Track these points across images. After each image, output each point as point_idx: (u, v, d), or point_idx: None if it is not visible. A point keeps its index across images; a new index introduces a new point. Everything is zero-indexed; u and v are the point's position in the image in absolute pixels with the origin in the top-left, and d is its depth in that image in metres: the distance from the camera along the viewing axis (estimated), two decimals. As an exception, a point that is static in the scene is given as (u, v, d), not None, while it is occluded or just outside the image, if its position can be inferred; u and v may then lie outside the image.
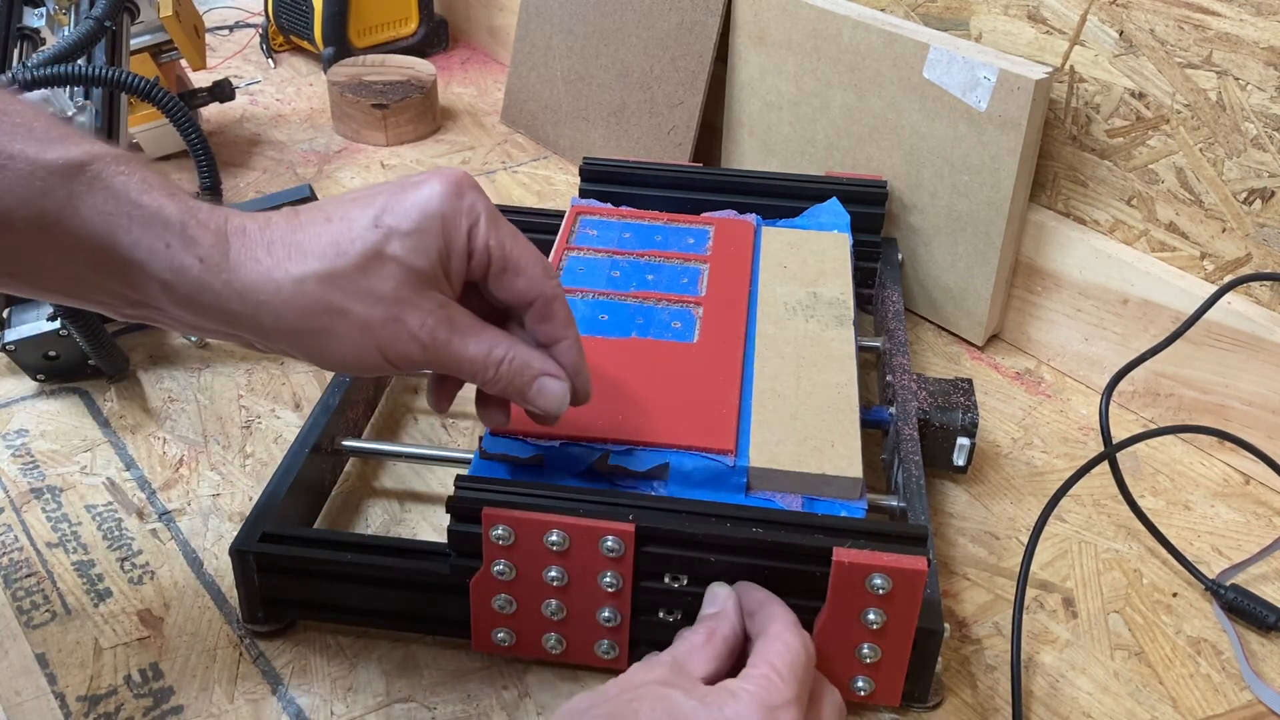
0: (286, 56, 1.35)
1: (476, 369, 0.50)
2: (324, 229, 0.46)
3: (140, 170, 0.45)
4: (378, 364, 0.48)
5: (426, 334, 0.48)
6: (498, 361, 0.50)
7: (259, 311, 0.45)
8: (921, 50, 0.80)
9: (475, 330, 0.50)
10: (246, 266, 0.45)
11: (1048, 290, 0.83)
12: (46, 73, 0.79)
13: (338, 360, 0.48)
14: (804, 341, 0.70)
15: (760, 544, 0.53)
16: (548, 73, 1.12)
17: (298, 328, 0.46)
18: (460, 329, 0.49)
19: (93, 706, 0.57)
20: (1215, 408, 0.75)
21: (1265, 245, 0.72)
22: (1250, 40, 0.68)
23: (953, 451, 0.70)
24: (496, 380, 0.51)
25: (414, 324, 0.47)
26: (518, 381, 0.51)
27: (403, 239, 0.47)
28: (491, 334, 0.51)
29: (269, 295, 0.45)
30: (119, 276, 0.45)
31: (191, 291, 0.45)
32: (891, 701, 0.56)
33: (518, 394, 0.52)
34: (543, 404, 0.53)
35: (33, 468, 0.72)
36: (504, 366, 0.51)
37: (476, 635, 0.58)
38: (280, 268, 0.45)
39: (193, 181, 1.05)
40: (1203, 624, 0.64)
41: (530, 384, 0.52)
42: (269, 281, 0.45)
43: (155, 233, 0.44)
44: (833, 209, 0.83)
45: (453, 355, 0.49)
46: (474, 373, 0.50)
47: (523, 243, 0.51)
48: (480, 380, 0.51)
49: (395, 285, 0.47)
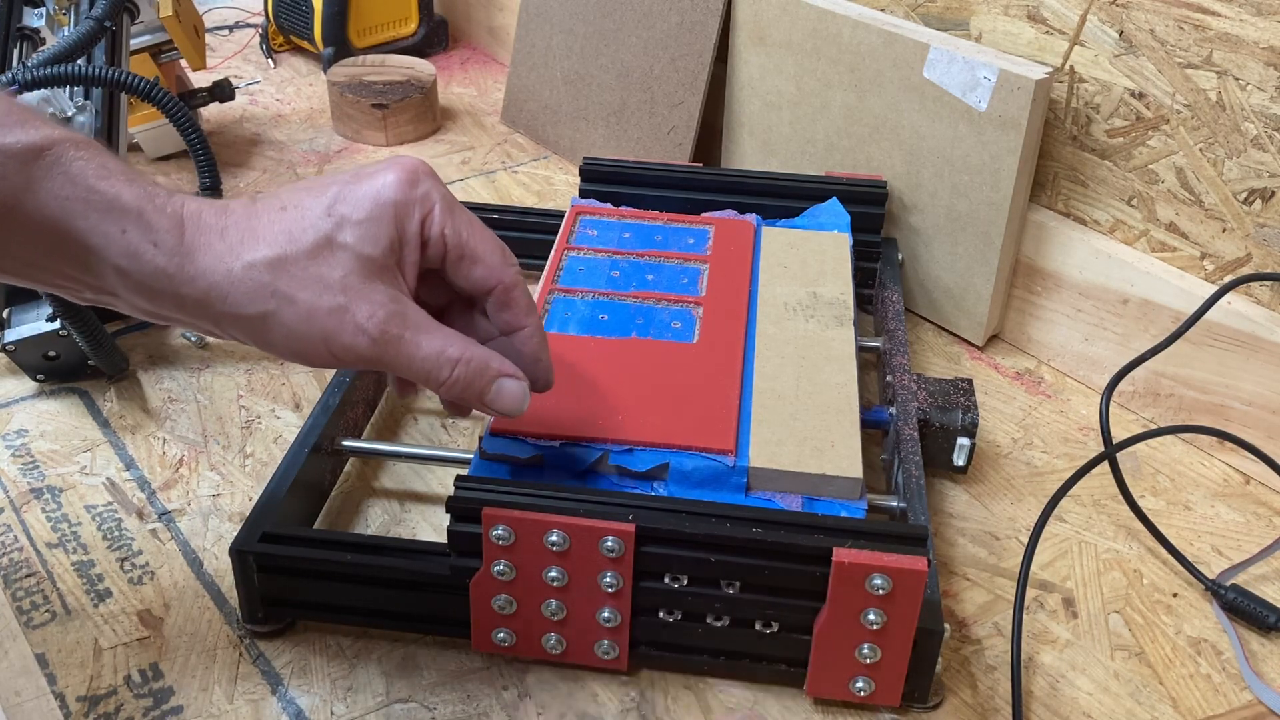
0: (286, 56, 1.35)
1: (429, 368, 0.49)
2: (278, 216, 0.46)
3: (99, 156, 0.45)
4: (323, 355, 0.47)
5: (375, 327, 0.47)
6: (451, 362, 0.49)
7: (209, 295, 0.45)
8: (921, 50, 0.80)
9: (428, 328, 0.49)
10: (200, 252, 0.45)
11: (1048, 290, 0.83)
12: (46, 73, 0.79)
13: (282, 347, 0.47)
14: (804, 341, 0.70)
15: (760, 544, 0.53)
16: (548, 73, 1.12)
17: (244, 312, 0.46)
18: (413, 325, 0.48)
19: (93, 706, 0.57)
20: (1215, 408, 0.75)
21: (1265, 245, 0.72)
22: (1250, 40, 0.68)
23: (953, 451, 0.70)
24: (452, 382, 0.49)
25: (362, 315, 0.46)
26: (476, 384, 0.50)
27: (354, 227, 0.46)
28: (446, 333, 0.49)
29: (219, 279, 0.45)
30: (75, 261, 0.45)
31: (145, 277, 0.45)
32: (891, 701, 0.56)
33: (475, 396, 0.51)
34: (501, 406, 0.51)
35: (33, 468, 0.72)
36: (459, 368, 0.49)
37: (476, 635, 0.58)
38: (232, 253, 0.45)
39: (193, 182, 1.05)
40: (1203, 624, 0.64)
41: (488, 386, 0.51)
42: (220, 265, 0.45)
43: (112, 219, 0.44)
44: (833, 209, 0.83)
45: (403, 353, 0.48)
46: (426, 373, 0.49)
47: (480, 231, 0.50)
48: (433, 382, 0.49)
49: (345, 273, 0.46)
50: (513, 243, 0.89)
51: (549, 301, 0.73)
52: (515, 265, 0.52)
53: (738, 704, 0.58)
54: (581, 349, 0.68)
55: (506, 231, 0.89)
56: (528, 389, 0.52)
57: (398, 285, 0.48)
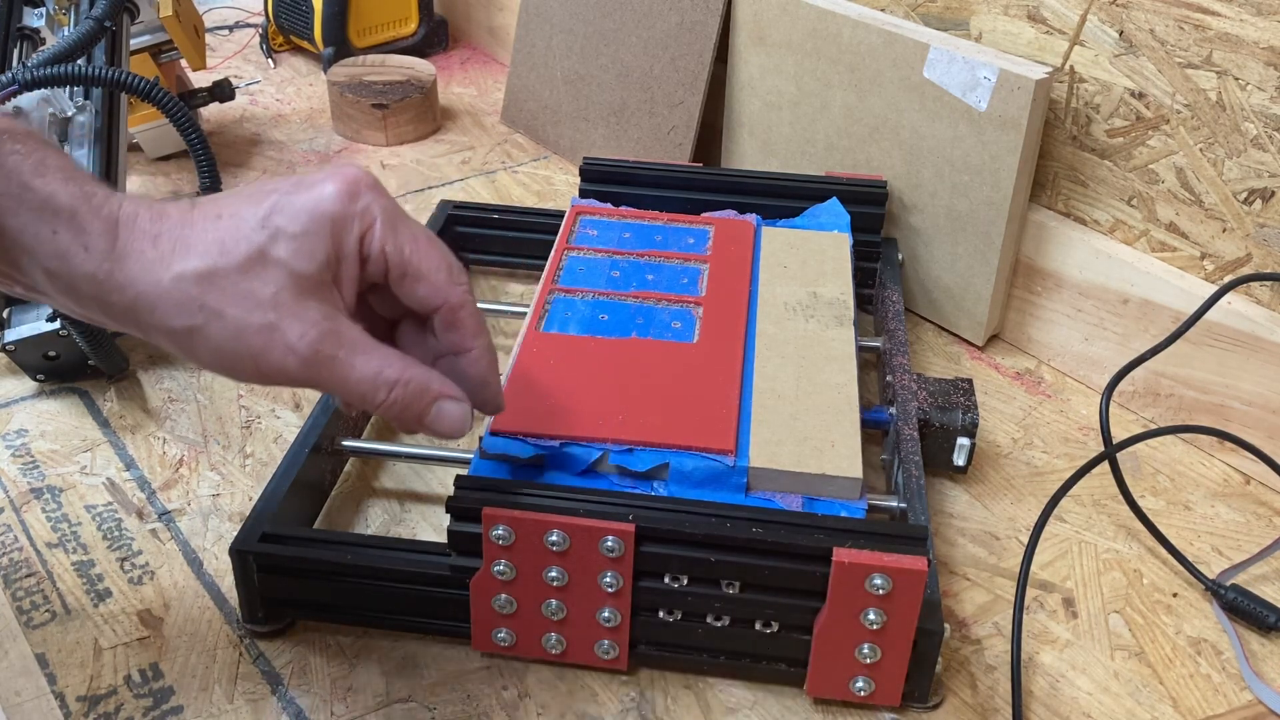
0: (286, 56, 1.35)
1: (364, 390, 0.46)
2: (213, 225, 0.44)
3: (39, 151, 0.43)
4: (252, 373, 0.45)
5: (306, 346, 0.44)
6: (389, 384, 0.46)
7: (136, 305, 0.43)
8: (921, 50, 0.80)
9: (365, 348, 0.46)
10: (130, 258, 0.43)
11: (1048, 290, 0.83)
12: (46, 73, 0.79)
13: (210, 362, 0.45)
14: (804, 341, 0.70)
15: (760, 544, 0.53)
16: (548, 73, 1.12)
17: (171, 325, 0.44)
18: (347, 344, 0.45)
19: (93, 706, 0.57)
20: (1215, 408, 0.75)
21: (1265, 245, 0.72)
22: (1250, 40, 0.68)
23: (953, 451, 0.70)
24: (389, 404, 0.47)
25: (292, 335, 0.44)
26: (415, 406, 0.48)
27: (289, 241, 0.44)
28: (383, 353, 0.47)
29: (147, 288, 0.43)
30: (4, 258, 0.43)
31: (74, 281, 0.43)
32: (891, 701, 0.56)
33: (414, 419, 0.48)
34: (441, 429, 0.49)
35: (33, 468, 0.72)
36: (396, 390, 0.47)
37: (476, 635, 0.58)
38: (163, 262, 0.43)
39: (193, 182, 1.06)
40: (1203, 624, 0.64)
41: (427, 409, 0.48)
42: (149, 275, 0.43)
43: (44, 219, 0.42)
44: (833, 209, 0.83)
45: (336, 374, 0.45)
46: (361, 395, 0.46)
47: (426, 246, 0.48)
48: (369, 404, 0.47)
49: (276, 289, 0.44)
50: (513, 243, 0.90)
51: (549, 301, 0.73)
52: (463, 284, 0.49)
53: (738, 704, 0.58)
54: (581, 349, 0.68)
55: (506, 231, 0.89)
56: (469, 412, 0.49)
57: (333, 302, 0.46)
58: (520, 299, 0.90)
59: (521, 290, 0.91)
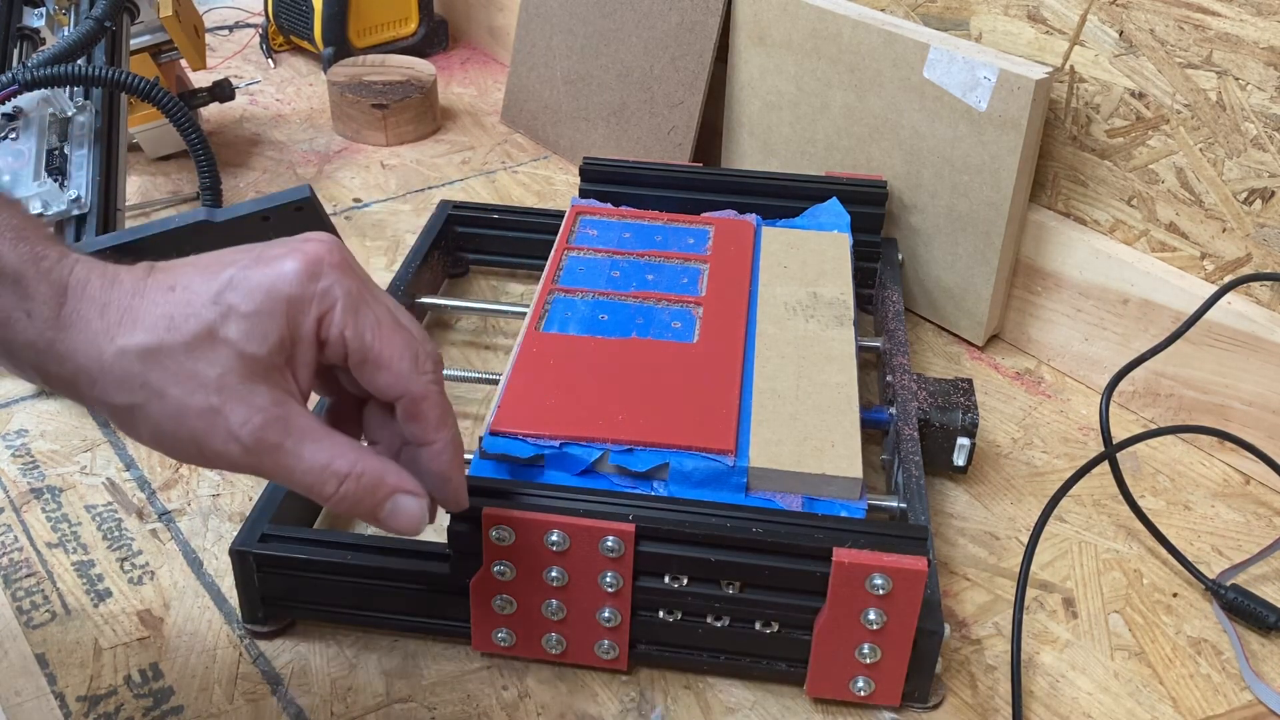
0: (286, 56, 1.35)
1: (311, 482, 0.43)
2: (164, 297, 0.42)
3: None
4: (194, 455, 0.42)
5: (249, 433, 0.42)
6: (339, 476, 0.44)
7: (76, 377, 0.41)
8: (921, 50, 0.80)
9: (315, 436, 0.43)
10: (75, 327, 0.41)
11: (1048, 290, 0.83)
12: (46, 73, 0.79)
13: (150, 441, 0.43)
14: (804, 341, 0.70)
15: (760, 543, 0.53)
16: (548, 73, 1.12)
17: (111, 400, 0.42)
18: (296, 432, 0.43)
19: (93, 706, 0.57)
20: (1215, 408, 0.75)
21: (1265, 245, 0.72)
22: (1250, 40, 0.68)
23: (953, 451, 0.70)
24: (339, 498, 0.44)
25: (235, 421, 0.41)
26: (367, 501, 0.45)
27: (241, 320, 0.42)
28: (336, 442, 0.44)
29: (88, 361, 0.41)
30: None
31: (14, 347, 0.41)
32: (891, 701, 0.56)
33: (368, 514, 0.45)
34: (396, 525, 0.46)
35: (33, 468, 0.72)
36: (347, 484, 0.44)
37: (476, 635, 0.58)
38: (107, 334, 0.41)
39: (193, 182, 1.06)
40: (1203, 624, 0.64)
41: (381, 504, 0.45)
42: (91, 346, 0.41)
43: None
44: (833, 209, 0.83)
45: (283, 463, 0.43)
46: (308, 486, 0.44)
47: (389, 332, 0.45)
48: (317, 497, 0.44)
49: (222, 372, 0.41)
50: (513, 243, 0.90)
51: (549, 301, 0.73)
52: (429, 373, 0.46)
53: (738, 704, 0.58)
54: (581, 349, 0.68)
55: (506, 231, 0.89)
56: (427, 506, 0.46)
57: (285, 387, 0.43)
58: (520, 299, 0.90)
59: (521, 290, 0.91)
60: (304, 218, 0.76)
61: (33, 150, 0.84)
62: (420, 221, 0.99)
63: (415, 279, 0.81)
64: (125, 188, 0.90)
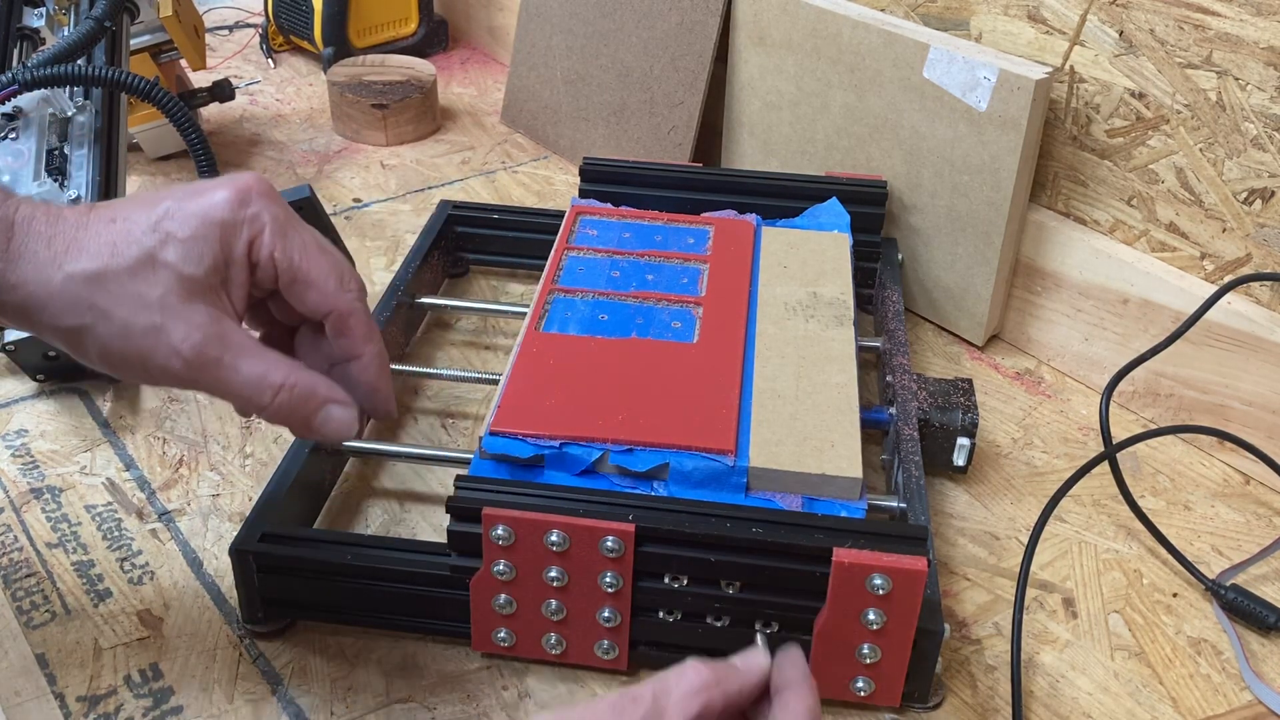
0: (286, 56, 1.35)
1: (249, 393, 0.47)
2: (106, 229, 0.45)
3: None
4: (140, 373, 0.46)
5: (190, 349, 0.45)
6: (274, 387, 0.47)
7: (27, 304, 0.44)
8: (921, 50, 0.80)
9: (250, 351, 0.47)
10: (24, 259, 0.44)
11: (1048, 290, 0.83)
12: (46, 73, 0.79)
13: (98, 361, 0.46)
14: (804, 341, 0.70)
15: (760, 544, 0.53)
16: (548, 73, 1.12)
17: (60, 324, 0.45)
18: (233, 347, 0.46)
19: (93, 706, 0.57)
20: (1215, 408, 0.75)
21: (1265, 245, 0.72)
22: (1250, 40, 0.68)
23: (953, 451, 0.70)
24: (275, 408, 0.47)
25: (177, 336, 0.45)
26: (300, 410, 0.48)
27: (178, 245, 0.45)
28: (270, 357, 0.47)
29: (37, 288, 0.44)
30: None
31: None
32: (891, 701, 0.56)
33: (301, 423, 0.49)
34: (329, 432, 0.49)
35: (33, 468, 0.72)
36: (282, 395, 0.47)
37: (476, 635, 0.58)
38: (55, 262, 0.44)
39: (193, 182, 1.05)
40: (1203, 624, 0.64)
41: (315, 413, 0.48)
42: (40, 274, 0.44)
43: None
44: (833, 209, 0.83)
45: (221, 377, 0.46)
46: (247, 398, 0.47)
47: (315, 253, 0.48)
48: (255, 408, 0.47)
49: (163, 292, 0.45)
50: (513, 243, 0.90)
51: (549, 301, 0.73)
52: (354, 290, 0.49)
53: (738, 704, 0.58)
54: (581, 349, 0.68)
55: (506, 231, 0.89)
56: (356, 416, 0.50)
57: (221, 306, 0.46)
58: (520, 299, 0.90)
59: (521, 290, 0.91)
60: (304, 217, 0.75)
61: (33, 150, 0.84)
62: (420, 221, 0.98)
63: (415, 279, 0.81)
64: (125, 188, 0.90)
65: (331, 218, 0.83)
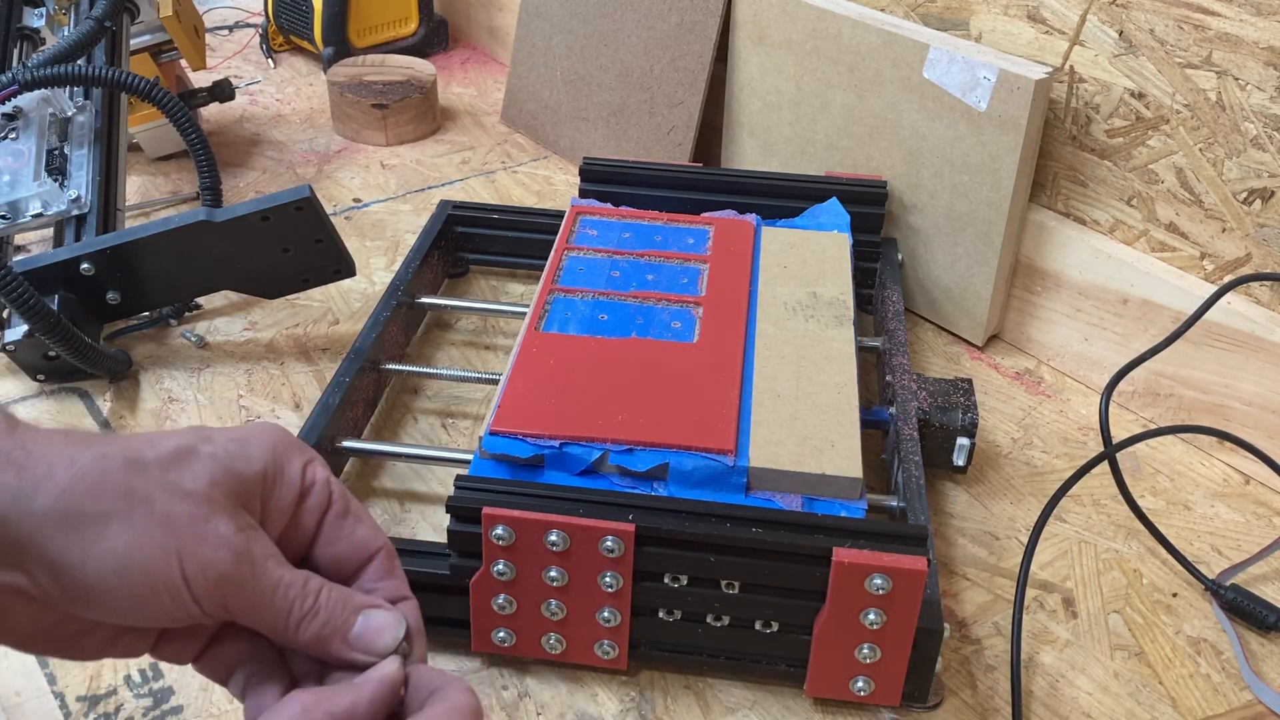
0: (286, 56, 1.35)
1: (293, 595, 0.40)
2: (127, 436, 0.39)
3: None
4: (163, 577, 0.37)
5: (241, 541, 0.38)
6: (315, 589, 0.40)
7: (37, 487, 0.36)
8: (921, 50, 0.80)
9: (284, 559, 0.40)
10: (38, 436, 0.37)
11: (1048, 290, 0.83)
12: (46, 73, 0.79)
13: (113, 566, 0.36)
14: (804, 341, 0.70)
15: (760, 544, 0.53)
16: (548, 73, 1.12)
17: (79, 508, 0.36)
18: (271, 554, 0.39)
19: (93, 706, 0.57)
20: (1215, 408, 0.75)
21: (1265, 245, 0.72)
22: (1250, 40, 0.68)
23: (953, 451, 0.70)
24: (316, 612, 0.40)
25: (225, 529, 0.38)
26: (338, 614, 0.40)
27: (223, 443, 0.39)
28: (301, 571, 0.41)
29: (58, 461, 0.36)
30: None
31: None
32: (891, 701, 0.56)
33: (337, 632, 0.40)
34: (370, 641, 0.40)
35: (33, 468, 0.72)
36: (324, 594, 0.40)
37: (476, 635, 0.58)
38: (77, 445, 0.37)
39: (193, 182, 1.05)
40: (1203, 624, 0.64)
41: (354, 617, 0.41)
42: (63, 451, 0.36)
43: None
44: (833, 209, 0.83)
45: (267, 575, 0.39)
46: (289, 601, 0.40)
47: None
48: (295, 613, 0.40)
49: (208, 483, 0.38)
50: (513, 243, 0.90)
51: (549, 301, 0.73)
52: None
53: (738, 704, 0.58)
54: (581, 349, 0.68)
55: (506, 231, 0.89)
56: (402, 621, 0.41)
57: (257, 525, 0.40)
58: (520, 299, 0.90)
59: (521, 290, 0.91)
60: (304, 218, 0.76)
61: (33, 150, 0.84)
62: (420, 221, 0.99)
63: (415, 279, 0.81)
64: (125, 188, 0.90)
65: (331, 218, 0.83)
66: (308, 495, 0.42)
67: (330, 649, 0.40)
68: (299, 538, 0.42)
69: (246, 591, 0.39)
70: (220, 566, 0.38)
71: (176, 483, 0.38)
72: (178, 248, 0.76)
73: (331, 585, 0.41)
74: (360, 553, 0.43)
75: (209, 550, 0.37)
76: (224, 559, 0.38)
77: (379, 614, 0.41)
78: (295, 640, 0.40)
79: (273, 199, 0.75)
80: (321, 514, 0.42)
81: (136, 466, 0.37)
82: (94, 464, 0.37)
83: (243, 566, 0.38)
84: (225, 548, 0.38)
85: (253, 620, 0.39)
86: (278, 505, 0.41)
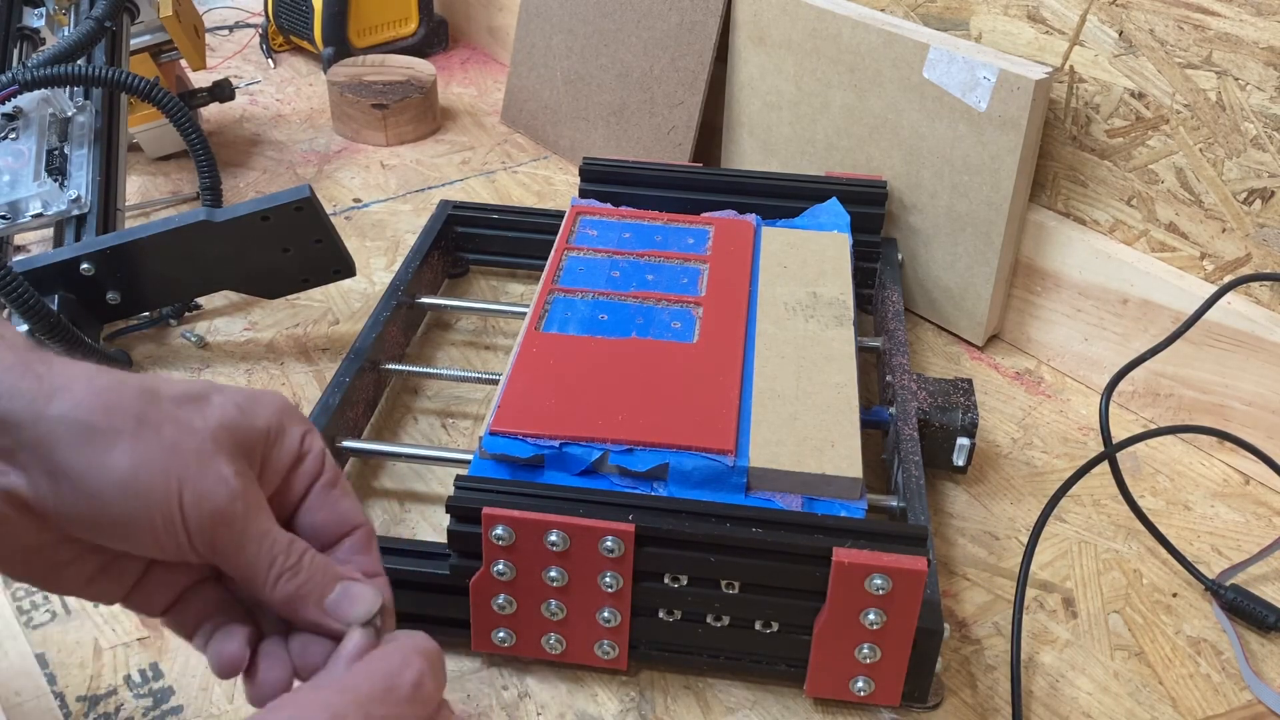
0: (286, 56, 1.35)
1: (278, 550, 0.40)
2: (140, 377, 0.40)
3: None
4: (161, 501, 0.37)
5: (240, 484, 0.39)
6: (301, 549, 0.41)
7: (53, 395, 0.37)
8: (921, 50, 0.80)
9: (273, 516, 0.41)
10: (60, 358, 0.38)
11: (1048, 290, 0.83)
12: (46, 73, 0.79)
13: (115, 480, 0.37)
14: (804, 341, 0.70)
15: (760, 544, 0.53)
16: (548, 73, 1.12)
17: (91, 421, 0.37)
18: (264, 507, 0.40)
19: (92, 706, 0.57)
20: (1215, 408, 0.75)
21: (1265, 245, 0.72)
22: (1250, 40, 0.68)
23: (953, 451, 0.70)
24: (297, 570, 0.40)
25: (225, 470, 0.39)
26: (318, 578, 0.41)
27: (234, 395, 0.41)
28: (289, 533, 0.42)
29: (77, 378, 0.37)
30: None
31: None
32: (891, 701, 0.56)
33: (315, 594, 0.41)
34: (345, 610, 0.41)
35: (33, 468, 0.72)
36: (308, 556, 0.41)
37: (476, 635, 0.58)
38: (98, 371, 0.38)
39: (193, 182, 1.05)
40: (1203, 624, 0.64)
41: (333, 584, 0.41)
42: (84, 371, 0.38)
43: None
44: (833, 209, 0.83)
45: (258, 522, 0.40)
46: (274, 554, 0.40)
47: None
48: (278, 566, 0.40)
49: (217, 425, 0.39)
50: (513, 243, 0.90)
51: (549, 301, 0.73)
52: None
53: (738, 704, 0.58)
54: (581, 349, 0.68)
55: (506, 231, 0.89)
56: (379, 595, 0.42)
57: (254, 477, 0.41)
58: (520, 299, 0.90)
59: (521, 290, 0.91)
60: (304, 218, 0.76)
61: (33, 150, 0.84)
62: (420, 221, 0.99)
63: (415, 279, 0.81)
64: (125, 188, 0.90)
65: (331, 218, 0.83)
66: (302, 461, 0.43)
67: (302, 610, 0.41)
68: (287, 501, 0.43)
69: (235, 533, 0.39)
70: (216, 501, 0.38)
71: (188, 419, 0.39)
72: (178, 248, 0.76)
73: (316, 552, 0.42)
74: (341, 525, 0.44)
75: (209, 484, 0.38)
76: (221, 494, 0.39)
77: (359, 585, 0.42)
78: (270, 595, 0.41)
79: (273, 199, 0.75)
80: (311, 481, 0.43)
81: (151, 396, 0.39)
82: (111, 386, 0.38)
83: (237, 506, 0.39)
84: (224, 485, 0.39)
85: (234, 565, 0.40)
86: (275, 464, 0.42)
